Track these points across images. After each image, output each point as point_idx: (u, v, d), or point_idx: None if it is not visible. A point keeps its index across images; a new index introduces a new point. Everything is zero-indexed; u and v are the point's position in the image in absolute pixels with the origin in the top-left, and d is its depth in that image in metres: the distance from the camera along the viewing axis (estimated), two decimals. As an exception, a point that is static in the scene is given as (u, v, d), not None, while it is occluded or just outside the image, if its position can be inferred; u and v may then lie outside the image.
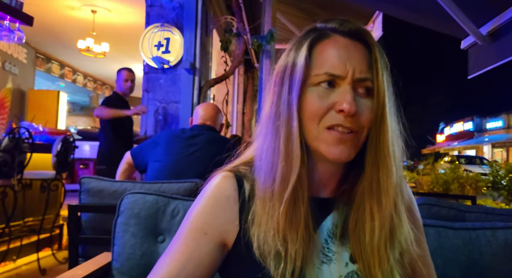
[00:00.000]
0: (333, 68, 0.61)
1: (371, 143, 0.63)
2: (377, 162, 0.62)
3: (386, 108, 0.62)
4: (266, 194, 0.62)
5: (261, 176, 0.64)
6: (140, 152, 2.15)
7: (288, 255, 0.59)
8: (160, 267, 0.64)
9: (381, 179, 0.62)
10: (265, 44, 4.32)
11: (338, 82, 0.61)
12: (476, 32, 3.15)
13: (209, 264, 0.64)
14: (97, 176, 1.75)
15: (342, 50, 0.62)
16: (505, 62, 3.18)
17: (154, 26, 3.96)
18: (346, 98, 0.59)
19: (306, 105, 0.61)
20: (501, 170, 5.49)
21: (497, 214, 1.46)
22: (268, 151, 0.63)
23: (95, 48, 7.10)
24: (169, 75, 4.01)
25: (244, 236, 0.64)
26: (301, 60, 0.62)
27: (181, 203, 1.15)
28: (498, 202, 5.24)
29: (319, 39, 0.64)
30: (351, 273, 0.63)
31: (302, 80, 0.61)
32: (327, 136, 0.61)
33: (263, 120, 0.67)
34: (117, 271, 1.07)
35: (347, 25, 0.64)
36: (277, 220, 0.60)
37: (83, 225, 1.71)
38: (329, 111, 0.61)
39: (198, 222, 0.65)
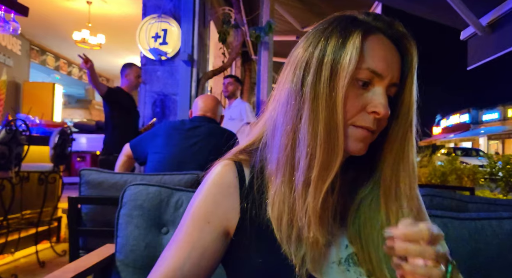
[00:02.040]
0: (377, 66, 0.60)
1: (392, 146, 0.64)
2: (398, 167, 0.63)
3: (414, 118, 0.63)
4: (300, 180, 0.60)
5: (290, 159, 0.61)
6: (139, 144, 2.14)
7: (312, 241, 0.60)
8: (165, 257, 0.64)
9: (402, 183, 0.63)
10: (263, 36, 4.30)
11: (375, 82, 0.61)
12: (476, 22, 3.14)
13: (214, 253, 0.65)
14: (96, 168, 1.73)
15: (388, 51, 0.62)
16: (505, 53, 3.17)
17: (151, 17, 3.91)
18: (382, 102, 0.60)
19: (345, 97, 0.60)
20: (499, 161, 5.53)
21: (499, 204, 1.47)
22: (300, 134, 0.60)
23: (91, 40, 7.03)
24: (166, 67, 3.97)
25: (246, 221, 0.64)
26: (354, 50, 0.59)
27: (185, 195, 1.14)
28: (495, 193, 5.28)
29: (367, 33, 0.62)
30: (351, 254, 0.64)
31: (352, 71, 0.59)
32: (354, 132, 0.61)
33: (283, 97, 0.64)
34: (121, 262, 1.06)
35: (394, 29, 0.63)
36: (313, 206, 0.59)
37: (83, 217, 1.70)
38: (362, 111, 0.61)
39: (200, 211, 0.66)
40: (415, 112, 0.64)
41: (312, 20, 2.95)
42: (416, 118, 0.65)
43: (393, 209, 0.63)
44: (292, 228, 0.60)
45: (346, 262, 0.64)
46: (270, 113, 0.68)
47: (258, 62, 4.76)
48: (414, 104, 0.63)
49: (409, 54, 0.64)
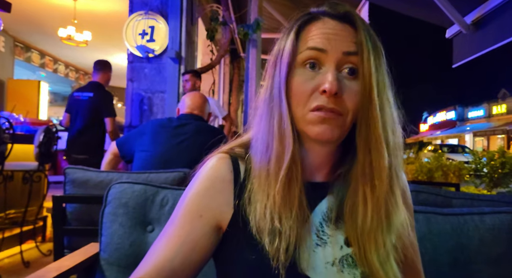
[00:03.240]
0: (315, 42, 0.62)
1: (360, 126, 0.62)
2: (368, 146, 0.62)
3: (374, 90, 0.61)
4: (262, 173, 0.63)
5: (258, 155, 0.65)
6: (126, 142, 2.11)
7: (283, 232, 0.60)
8: (156, 250, 0.64)
9: (374, 162, 0.61)
10: (251, 33, 4.28)
11: (321, 60, 0.61)
12: (460, 21, 3.18)
13: (205, 247, 0.64)
14: (82, 166, 1.71)
15: (329, 29, 0.63)
16: (488, 51, 3.22)
17: (138, 14, 3.87)
18: (327, 78, 0.60)
19: (293, 88, 0.62)
20: (483, 157, 5.63)
21: (482, 199, 1.49)
22: (263, 132, 0.64)
23: (76, 37, 6.92)
24: (154, 64, 3.94)
25: (239, 217, 0.64)
26: (289, 42, 0.63)
27: (170, 192, 1.13)
28: (480, 189, 5.37)
29: (308, 21, 0.64)
30: (345, 256, 0.64)
31: (289, 62, 0.62)
32: (311, 117, 0.61)
33: (260, 104, 0.68)
34: (105, 261, 1.05)
35: (336, 8, 0.64)
36: (273, 198, 0.61)
37: (68, 216, 1.68)
38: (314, 93, 0.61)
39: (193, 204, 0.65)
40: (376, 86, 0.61)
41: (299, 18, 2.87)
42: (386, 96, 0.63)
43: (368, 189, 0.62)
44: (265, 219, 0.61)
45: (341, 263, 0.63)
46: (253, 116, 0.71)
47: (246, 60, 4.74)
48: (372, 75, 0.61)
49: (357, 27, 0.63)
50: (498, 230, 1.00)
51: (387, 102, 0.63)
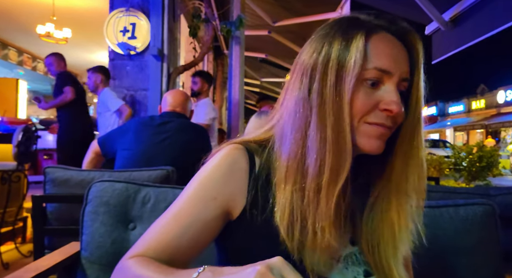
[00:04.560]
0: (384, 64, 0.60)
1: (402, 143, 0.64)
2: (408, 162, 0.63)
3: (421, 113, 0.63)
4: (311, 186, 0.60)
5: (301, 166, 0.61)
6: (108, 140, 2.09)
7: (324, 247, 0.60)
8: (159, 227, 0.63)
9: (411, 178, 0.63)
10: (234, 30, 4.27)
11: (384, 80, 0.61)
12: (439, 18, 3.25)
13: (212, 231, 0.64)
14: (62, 165, 1.69)
15: (393, 48, 0.62)
16: (467, 47, 3.30)
17: (118, 10, 3.82)
18: (393, 99, 0.59)
19: (352, 101, 0.59)
20: (462, 152, 5.78)
21: (458, 192, 1.54)
22: (310, 141, 0.60)
23: (56, 34, 6.78)
24: (136, 61, 3.90)
25: (252, 212, 0.64)
26: (357, 53, 0.59)
27: (152, 190, 1.13)
28: (459, 182, 5.51)
29: (370, 33, 0.61)
30: (350, 254, 0.66)
31: (358, 74, 0.59)
32: (368, 129, 0.61)
33: (291, 105, 0.63)
34: (86, 260, 1.04)
35: (397, 25, 0.63)
36: (325, 212, 0.59)
37: (49, 216, 1.66)
38: (374, 109, 0.60)
39: (208, 186, 0.64)
40: (422, 106, 0.64)
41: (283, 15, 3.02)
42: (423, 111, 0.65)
43: (402, 203, 0.64)
44: (305, 235, 0.60)
45: (345, 260, 0.65)
46: (277, 119, 0.67)
47: (230, 57, 4.73)
48: (422, 98, 0.64)
49: (414, 48, 0.64)
50: (471, 221, 1.03)
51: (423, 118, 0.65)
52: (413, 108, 0.63)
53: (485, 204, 1.06)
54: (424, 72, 0.64)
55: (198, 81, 3.77)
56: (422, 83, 0.64)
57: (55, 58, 3.94)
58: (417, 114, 0.63)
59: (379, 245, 0.65)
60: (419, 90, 0.63)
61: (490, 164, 5.42)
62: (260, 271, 0.44)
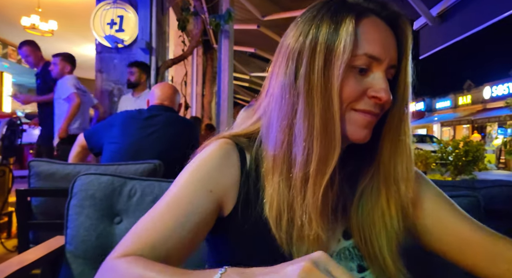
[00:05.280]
0: (375, 50, 0.58)
1: (389, 131, 0.62)
2: (395, 150, 0.62)
3: (409, 97, 0.62)
4: (298, 176, 0.58)
5: (287, 155, 0.59)
6: (94, 134, 2.07)
7: (311, 238, 0.58)
8: (155, 220, 0.57)
9: (399, 166, 0.62)
10: (223, 24, 4.24)
11: (373, 67, 0.59)
12: (427, 13, 3.27)
13: (208, 224, 0.60)
14: (47, 159, 1.66)
15: (383, 33, 0.59)
16: (454, 42, 3.34)
17: (105, 2, 3.76)
18: (382, 86, 0.58)
19: (341, 87, 0.57)
20: (449, 146, 5.86)
21: (445, 185, 1.56)
22: (296, 129, 0.58)
23: (41, 26, 6.64)
24: (123, 55, 3.85)
25: (243, 209, 0.62)
26: (347, 38, 0.56)
27: (138, 183, 1.12)
28: (445, 177, 5.60)
29: (360, 16, 0.58)
30: (343, 249, 0.64)
31: (347, 60, 0.56)
32: (355, 118, 0.59)
33: (277, 91, 0.61)
34: (71, 254, 1.03)
35: (388, 9, 0.61)
36: (312, 203, 0.57)
37: (34, 210, 1.63)
38: (362, 96, 0.58)
39: (204, 178, 0.61)
40: (410, 93, 0.62)
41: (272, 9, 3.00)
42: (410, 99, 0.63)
43: (391, 192, 0.63)
44: (293, 227, 0.58)
45: (338, 256, 0.64)
46: (264, 109, 0.64)
47: (219, 51, 4.71)
48: (410, 85, 0.62)
49: (404, 34, 0.61)
50: (456, 213, 1.05)
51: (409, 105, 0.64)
52: (400, 95, 0.62)
53: (470, 196, 1.07)
54: (412, 59, 0.62)
55: (136, 71, 3.45)
56: (410, 70, 0.62)
57: (31, 48, 3.71)
58: (405, 102, 0.62)
59: (371, 235, 0.63)
60: (407, 76, 0.61)
61: (475, 158, 5.51)
62: (305, 268, 0.40)
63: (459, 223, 0.67)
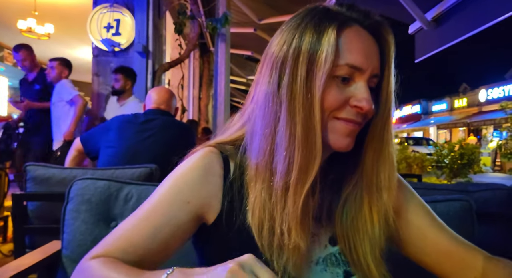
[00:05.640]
0: (356, 61, 0.58)
1: (372, 139, 0.63)
2: (378, 158, 0.63)
3: (392, 106, 0.62)
4: (279, 184, 0.58)
5: (269, 163, 0.59)
6: (91, 138, 2.07)
7: (291, 247, 0.58)
8: (128, 226, 0.60)
9: (382, 174, 0.63)
10: (219, 27, 4.25)
11: (355, 77, 0.59)
12: (422, 17, 3.30)
13: (184, 234, 0.62)
14: (44, 163, 1.66)
15: (365, 43, 0.60)
16: (448, 46, 3.36)
17: (102, 6, 3.77)
18: (364, 96, 0.58)
19: (323, 97, 0.57)
20: (444, 149, 5.89)
21: (439, 189, 1.57)
22: (278, 137, 0.58)
23: (37, 29, 6.63)
24: (120, 58, 3.85)
25: (228, 217, 0.62)
26: (329, 48, 0.56)
27: (135, 188, 1.12)
28: (441, 180, 5.62)
29: (343, 26, 0.59)
30: (329, 255, 0.65)
31: (330, 70, 0.56)
32: (338, 127, 0.59)
33: (262, 99, 0.61)
34: (68, 258, 1.03)
35: (371, 18, 0.61)
36: (292, 212, 0.58)
37: (30, 215, 1.63)
38: (345, 105, 0.59)
39: (182, 189, 0.62)
40: (393, 101, 0.63)
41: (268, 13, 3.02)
42: (394, 107, 0.63)
43: (374, 200, 0.63)
44: (273, 235, 0.59)
45: (324, 262, 0.64)
46: (248, 115, 0.65)
47: (216, 54, 4.71)
48: (393, 93, 0.62)
49: (386, 43, 0.62)
50: (449, 217, 1.06)
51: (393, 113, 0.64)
52: (383, 104, 0.62)
53: (462, 200, 1.09)
54: (395, 67, 0.62)
55: (120, 78, 3.35)
56: (392, 79, 0.62)
57: (27, 52, 3.66)
58: (387, 110, 0.62)
59: (355, 242, 0.64)
60: (390, 85, 0.62)
61: (471, 161, 5.54)
62: (231, 269, 0.43)
63: (438, 233, 0.69)
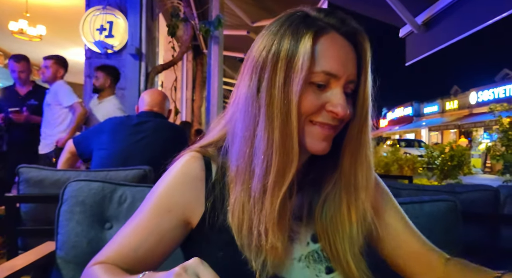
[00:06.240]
0: (332, 68, 0.60)
1: (350, 141, 0.65)
2: (355, 160, 0.65)
3: (369, 110, 0.64)
4: (257, 186, 0.60)
5: (248, 165, 0.61)
6: (83, 140, 2.08)
7: (268, 248, 0.61)
8: (120, 238, 0.66)
9: (359, 175, 0.65)
10: (213, 30, 4.28)
11: (331, 82, 0.61)
12: (412, 21, 3.35)
13: (170, 240, 0.66)
14: (37, 165, 1.67)
15: (341, 50, 0.61)
16: (440, 49, 3.41)
17: (95, 8, 3.77)
18: (340, 102, 0.60)
19: (299, 102, 0.59)
20: (435, 151, 5.97)
21: (427, 190, 1.61)
22: (257, 141, 0.60)
23: (29, 31, 6.59)
24: (113, 60, 3.84)
25: (210, 219, 0.65)
26: (304, 54, 0.58)
27: (129, 189, 1.14)
28: (432, 181, 5.69)
29: (319, 33, 0.60)
30: (311, 252, 0.67)
31: (305, 77, 0.58)
32: (314, 131, 0.61)
33: (242, 102, 0.63)
34: (62, 259, 1.04)
35: (347, 25, 0.62)
36: (269, 213, 0.60)
37: (23, 217, 1.63)
38: (320, 110, 0.61)
39: (163, 198, 0.66)
40: (370, 105, 0.64)
41: (261, 16, 3.06)
42: (371, 111, 0.65)
43: (352, 200, 0.66)
44: (251, 235, 0.61)
45: (306, 259, 0.67)
46: (230, 117, 0.67)
47: (209, 57, 4.73)
48: (369, 97, 0.64)
49: (363, 49, 0.63)
50: (435, 217, 1.09)
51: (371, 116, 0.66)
52: (359, 108, 0.64)
53: (449, 200, 1.12)
54: (371, 73, 0.64)
55: (100, 76, 3.33)
56: (369, 84, 0.64)
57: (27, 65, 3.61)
58: (364, 115, 0.64)
59: (335, 240, 0.66)
60: (366, 90, 0.64)
61: (460, 163, 5.63)
62: (176, 273, 0.47)
63: (410, 236, 0.73)
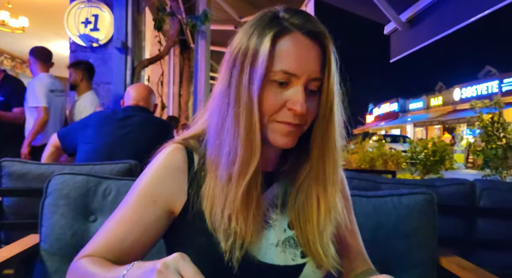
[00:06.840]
0: (291, 67, 0.62)
1: (316, 135, 0.68)
2: (323, 152, 0.68)
3: (334, 107, 0.67)
4: (223, 175, 0.65)
5: (218, 156, 0.66)
6: (68, 134, 2.06)
7: (238, 232, 0.64)
8: (106, 231, 0.67)
9: (327, 168, 0.69)
10: (199, 25, 4.26)
11: (292, 81, 0.64)
12: (396, 18, 3.40)
13: (155, 230, 0.68)
14: (20, 159, 1.65)
15: (302, 49, 0.63)
16: (424, 46, 3.48)
17: (80, 1, 3.71)
18: (298, 100, 0.63)
19: (262, 100, 0.63)
20: (418, 146, 6.09)
21: (407, 183, 1.66)
22: (225, 134, 0.65)
23: (11, 23, 6.45)
24: (99, 54, 3.80)
25: (192, 206, 0.68)
26: (264, 53, 0.62)
27: (113, 183, 1.15)
28: (414, 176, 5.81)
29: (281, 33, 0.63)
30: (288, 238, 0.71)
31: (263, 75, 0.62)
32: (277, 127, 0.65)
33: (217, 97, 0.68)
34: (46, 252, 1.05)
35: (309, 24, 0.64)
36: (233, 202, 0.64)
37: (5, 210, 1.62)
38: (282, 108, 0.64)
39: (147, 190, 0.68)
40: (336, 102, 0.67)
41: (248, 10, 3.09)
42: (340, 108, 0.68)
43: (321, 192, 0.69)
44: (221, 220, 0.65)
45: (284, 244, 0.71)
46: (210, 110, 0.71)
47: (196, 51, 4.72)
48: (334, 94, 0.66)
49: (326, 48, 0.66)
50: (412, 209, 1.13)
51: (340, 112, 0.69)
52: (323, 105, 0.66)
53: (426, 193, 1.16)
54: (336, 68, 0.67)
55: (72, 72, 3.24)
56: (333, 81, 0.66)
57: None
58: (328, 111, 0.67)
59: (306, 228, 0.70)
60: (330, 88, 0.66)
61: (442, 158, 5.77)
62: (158, 270, 0.48)
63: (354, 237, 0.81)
